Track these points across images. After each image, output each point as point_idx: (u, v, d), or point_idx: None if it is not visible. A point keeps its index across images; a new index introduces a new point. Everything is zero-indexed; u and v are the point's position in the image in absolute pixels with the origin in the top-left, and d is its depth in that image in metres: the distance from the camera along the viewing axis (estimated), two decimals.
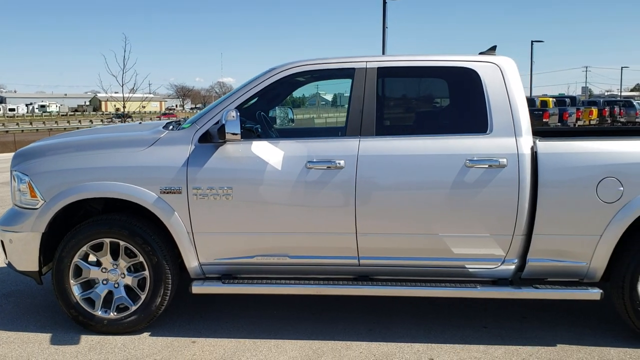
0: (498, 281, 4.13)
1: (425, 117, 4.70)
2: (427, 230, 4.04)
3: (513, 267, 4.09)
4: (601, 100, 46.75)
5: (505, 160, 3.94)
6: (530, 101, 30.83)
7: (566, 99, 37.93)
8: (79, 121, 58.97)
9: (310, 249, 4.16)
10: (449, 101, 4.59)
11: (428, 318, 4.52)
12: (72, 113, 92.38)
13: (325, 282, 4.19)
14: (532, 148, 3.98)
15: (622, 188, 3.88)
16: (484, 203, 3.97)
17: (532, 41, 42.65)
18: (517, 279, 4.17)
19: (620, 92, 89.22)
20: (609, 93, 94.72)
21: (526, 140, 4.00)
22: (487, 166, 3.94)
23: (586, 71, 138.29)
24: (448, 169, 3.98)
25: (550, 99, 35.23)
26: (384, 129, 4.21)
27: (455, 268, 4.13)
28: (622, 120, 36.70)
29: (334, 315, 4.61)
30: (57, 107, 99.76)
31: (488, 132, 4.04)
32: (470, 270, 4.12)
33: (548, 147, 3.98)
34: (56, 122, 56.68)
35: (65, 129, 32.53)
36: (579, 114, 30.47)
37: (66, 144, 4.50)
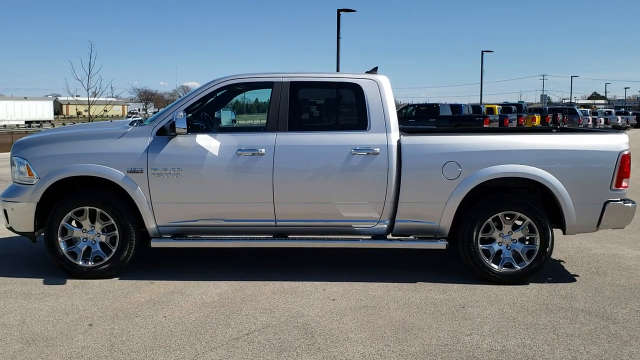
0: (375, 236, 5.72)
1: (324, 117, 6.27)
2: (324, 200, 5.58)
3: (385, 226, 5.66)
4: (547, 107, 49.53)
5: (378, 149, 5.51)
6: (476, 108, 33.00)
7: (512, 107, 40.40)
8: (40, 124, 59.06)
9: (240, 214, 5.64)
10: (341, 106, 6.17)
11: (328, 267, 6.06)
12: None
13: (251, 239, 5.70)
14: (398, 141, 5.56)
15: (460, 169, 5.48)
16: (364, 180, 5.53)
17: (482, 51, 44.84)
18: (389, 235, 5.74)
19: (570, 99, 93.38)
20: (566, 101, 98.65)
21: (394, 135, 5.58)
22: (366, 153, 5.51)
23: (543, 79, 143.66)
24: (339, 155, 5.53)
25: (497, 106, 37.58)
26: (294, 126, 5.71)
27: (345, 227, 5.69)
28: (564, 126, 39.27)
29: (259, 264, 6.12)
30: None
31: (368, 129, 5.60)
32: (355, 228, 5.68)
33: (409, 140, 5.58)
34: (17, 125, 56.64)
35: (26, 132, 33.45)
36: (522, 120, 32.68)
37: (56, 136, 5.89)
